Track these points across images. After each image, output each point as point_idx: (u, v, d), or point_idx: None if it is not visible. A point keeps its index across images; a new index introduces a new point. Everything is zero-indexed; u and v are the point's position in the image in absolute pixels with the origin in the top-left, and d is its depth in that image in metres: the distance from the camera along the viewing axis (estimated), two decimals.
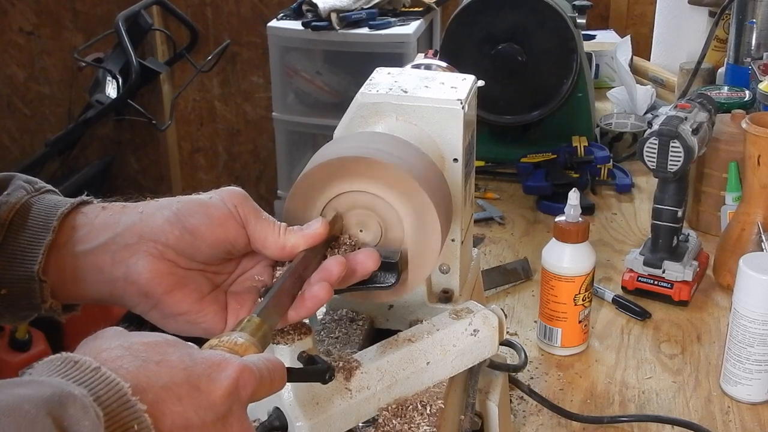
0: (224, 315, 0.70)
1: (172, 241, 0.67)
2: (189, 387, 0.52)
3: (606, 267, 1.42)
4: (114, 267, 0.68)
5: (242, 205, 0.69)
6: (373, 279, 0.72)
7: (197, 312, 0.68)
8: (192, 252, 0.68)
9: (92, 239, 0.69)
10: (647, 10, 2.80)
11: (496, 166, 1.75)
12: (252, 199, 0.70)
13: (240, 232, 0.68)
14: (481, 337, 0.81)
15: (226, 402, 0.53)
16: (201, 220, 0.68)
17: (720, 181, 1.45)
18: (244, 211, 0.68)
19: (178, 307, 0.68)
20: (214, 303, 0.69)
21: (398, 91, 0.84)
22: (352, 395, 0.73)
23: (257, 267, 0.72)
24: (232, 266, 0.72)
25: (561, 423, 1.08)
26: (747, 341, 1.07)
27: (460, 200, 0.84)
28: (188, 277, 0.68)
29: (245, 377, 0.54)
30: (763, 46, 1.78)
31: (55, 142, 3.05)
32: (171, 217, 0.68)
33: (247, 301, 0.71)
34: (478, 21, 1.65)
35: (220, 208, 0.68)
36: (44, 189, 0.72)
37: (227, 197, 0.69)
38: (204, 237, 0.67)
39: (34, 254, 0.67)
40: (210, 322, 0.69)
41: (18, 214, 0.69)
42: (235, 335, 0.58)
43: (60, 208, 0.69)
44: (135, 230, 0.68)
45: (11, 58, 3.41)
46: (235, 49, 3.33)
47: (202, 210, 0.68)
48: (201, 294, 0.69)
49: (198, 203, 0.69)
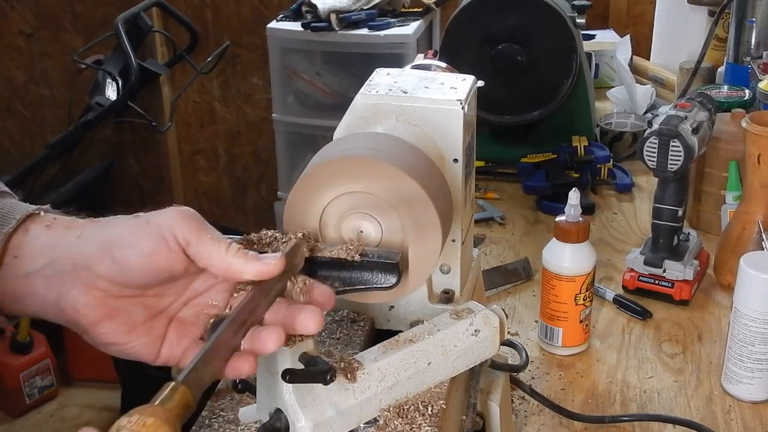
0: (157, 346, 0.68)
1: (103, 270, 0.65)
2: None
3: (607, 266, 1.42)
4: (48, 292, 0.67)
5: (182, 227, 0.65)
6: (374, 280, 0.72)
7: (125, 344, 0.67)
8: (122, 281, 0.66)
9: (29, 263, 0.67)
10: (647, 9, 2.80)
11: (496, 166, 1.75)
12: (200, 217, 0.67)
13: (173, 258, 0.65)
14: (482, 337, 0.81)
15: None
16: (129, 251, 0.65)
17: (720, 180, 1.45)
18: (183, 234, 0.65)
19: (107, 338, 0.66)
20: (145, 334, 0.67)
21: (398, 91, 0.84)
22: (353, 396, 0.73)
23: (213, 290, 0.69)
24: (180, 287, 0.69)
25: (562, 423, 1.08)
26: (748, 340, 1.07)
27: (460, 200, 0.84)
28: (119, 307, 0.66)
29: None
30: (763, 45, 1.79)
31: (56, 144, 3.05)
32: (102, 245, 0.66)
33: (189, 333, 0.68)
34: (478, 21, 1.65)
35: (151, 235, 0.65)
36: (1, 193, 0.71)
37: (164, 221, 0.66)
38: (132, 267, 0.65)
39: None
40: (140, 352, 0.68)
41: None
42: (144, 417, 0.53)
43: (6, 226, 0.68)
44: (70, 257, 0.66)
45: (11, 61, 3.41)
46: (235, 50, 3.33)
47: (132, 239, 0.65)
48: (131, 325, 0.67)
49: (130, 231, 0.66)
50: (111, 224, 0.68)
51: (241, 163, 3.57)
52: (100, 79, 3.01)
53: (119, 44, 2.83)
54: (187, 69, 3.21)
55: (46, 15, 3.35)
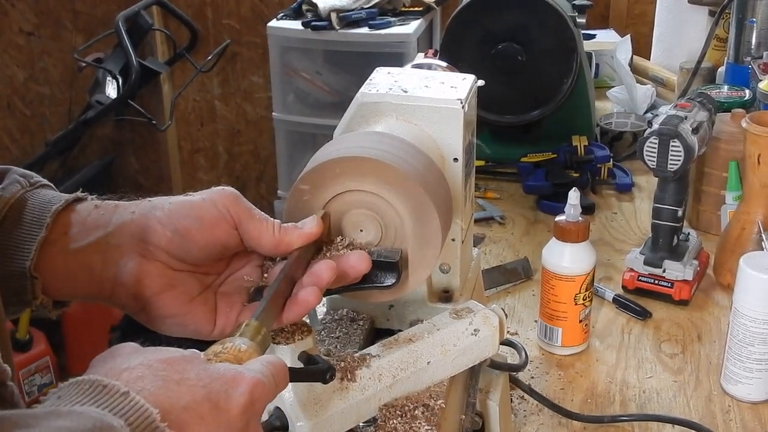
0: (213, 316, 0.70)
1: (164, 242, 0.67)
2: (209, 405, 0.53)
3: (606, 266, 1.42)
4: (105, 267, 0.68)
5: (234, 205, 0.68)
6: (374, 279, 0.72)
7: (186, 314, 0.68)
8: (182, 254, 0.68)
9: (83, 237, 0.68)
10: (647, 9, 2.80)
11: (496, 166, 1.75)
12: (244, 198, 0.70)
13: (231, 233, 0.68)
14: (481, 336, 0.81)
15: (243, 418, 0.54)
16: (192, 223, 0.67)
17: (720, 181, 1.45)
18: (236, 212, 0.68)
19: (168, 310, 0.68)
20: (203, 305, 0.69)
21: (398, 90, 0.84)
22: (352, 395, 0.73)
23: (247, 267, 0.72)
24: (221, 266, 0.72)
25: (561, 422, 1.08)
26: (747, 340, 1.07)
27: (460, 200, 0.84)
28: (178, 278, 0.68)
29: (258, 391, 0.55)
30: (763, 45, 1.79)
31: (56, 142, 3.05)
32: (162, 218, 0.68)
33: (236, 302, 0.70)
34: (478, 21, 1.65)
35: (211, 210, 0.68)
36: (39, 183, 0.72)
37: (219, 199, 0.69)
38: (195, 239, 0.67)
39: (27, 250, 0.67)
40: (199, 323, 0.69)
41: (12, 209, 0.68)
42: (238, 342, 0.58)
43: (54, 205, 0.69)
44: (126, 230, 0.68)
45: (11, 59, 3.41)
46: (235, 48, 3.33)
47: (194, 212, 0.68)
48: (190, 296, 0.69)
49: (190, 205, 0.68)
50: (167, 201, 0.70)
51: (241, 162, 3.57)
52: (100, 78, 3.01)
53: (119, 42, 2.83)
54: (187, 67, 3.21)
55: (46, 13, 3.35)
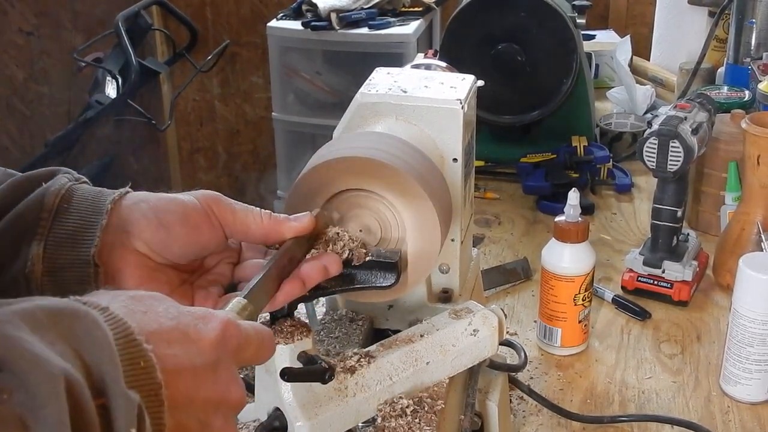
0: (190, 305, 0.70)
1: (147, 235, 0.67)
2: (178, 333, 0.52)
3: (606, 267, 1.42)
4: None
5: (216, 205, 0.69)
6: (373, 279, 0.72)
7: None
8: (162, 248, 0.68)
9: None
10: (647, 10, 2.80)
11: (496, 166, 1.75)
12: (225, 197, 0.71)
13: (212, 234, 0.69)
14: (480, 336, 0.81)
15: (215, 351, 0.53)
16: (177, 219, 0.68)
17: (719, 181, 1.45)
18: (219, 211, 0.69)
19: None
20: (182, 296, 0.69)
21: (398, 91, 0.84)
22: (351, 395, 0.73)
23: (219, 264, 0.72)
24: (198, 263, 0.72)
25: (561, 423, 1.08)
26: (747, 341, 1.07)
27: (459, 200, 0.84)
28: (159, 270, 0.68)
29: (231, 330, 0.54)
30: (763, 46, 1.78)
31: (55, 142, 3.05)
32: (147, 211, 0.68)
33: (212, 294, 0.71)
34: (478, 21, 1.65)
35: (196, 208, 0.68)
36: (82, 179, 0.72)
37: (203, 199, 0.69)
38: (177, 235, 0.67)
39: (89, 238, 0.67)
40: None
41: (63, 199, 0.68)
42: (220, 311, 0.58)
43: (105, 194, 0.69)
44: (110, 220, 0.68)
45: (11, 59, 3.41)
46: (234, 49, 3.33)
47: (180, 208, 0.68)
48: (171, 287, 0.69)
49: (176, 202, 0.69)
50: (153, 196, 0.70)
51: (240, 162, 3.57)
52: (99, 77, 3.01)
53: (119, 42, 2.83)
54: (186, 67, 3.21)
55: (45, 13, 3.35)
